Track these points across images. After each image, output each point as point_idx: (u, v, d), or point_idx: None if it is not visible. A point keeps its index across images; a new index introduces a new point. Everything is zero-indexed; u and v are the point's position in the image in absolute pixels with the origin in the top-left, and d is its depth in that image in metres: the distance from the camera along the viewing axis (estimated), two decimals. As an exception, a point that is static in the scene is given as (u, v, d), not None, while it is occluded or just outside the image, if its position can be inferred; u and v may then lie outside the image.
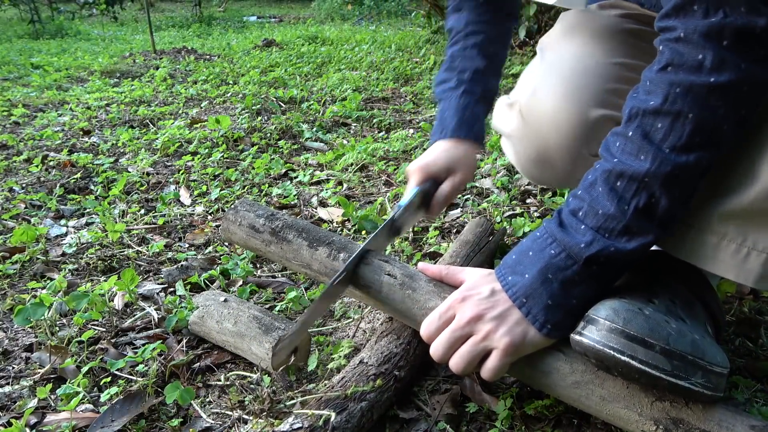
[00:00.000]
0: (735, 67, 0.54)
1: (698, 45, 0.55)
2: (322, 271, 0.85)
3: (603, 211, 0.60)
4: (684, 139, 0.56)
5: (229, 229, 0.97)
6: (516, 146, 0.87)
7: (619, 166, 0.60)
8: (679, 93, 0.56)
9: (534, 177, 0.91)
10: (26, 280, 1.14)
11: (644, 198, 0.59)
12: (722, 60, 0.54)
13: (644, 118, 0.59)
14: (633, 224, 0.60)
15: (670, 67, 0.57)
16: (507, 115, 0.86)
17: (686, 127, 0.56)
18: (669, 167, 0.57)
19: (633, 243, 0.60)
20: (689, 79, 0.56)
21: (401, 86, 2.92)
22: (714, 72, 0.54)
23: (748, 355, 0.86)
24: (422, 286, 0.75)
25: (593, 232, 0.61)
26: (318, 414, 0.64)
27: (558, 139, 0.80)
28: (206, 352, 0.91)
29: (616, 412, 0.61)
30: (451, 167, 0.96)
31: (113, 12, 7.98)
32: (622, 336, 0.57)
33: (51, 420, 0.77)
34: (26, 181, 1.67)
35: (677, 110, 0.56)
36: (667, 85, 0.57)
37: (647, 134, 0.58)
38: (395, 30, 5.58)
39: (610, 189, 0.60)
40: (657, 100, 0.58)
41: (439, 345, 0.66)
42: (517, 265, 0.66)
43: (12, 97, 2.73)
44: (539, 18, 3.40)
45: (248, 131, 2.10)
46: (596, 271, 0.62)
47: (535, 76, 0.82)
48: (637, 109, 0.60)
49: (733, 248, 0.61)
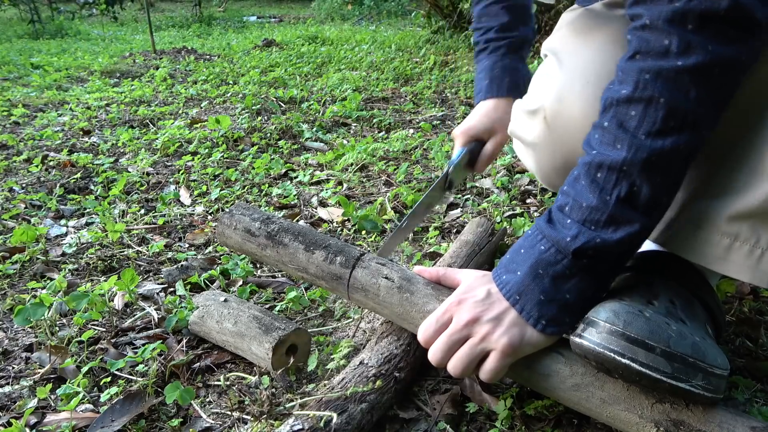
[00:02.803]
0: (702, 49, 0.54)
1: (663, 31, 0.55)
2: (318, 275, 0.84)
3: (587, 204, 0.60)
4: (658, 124, 0.56)
5: (224, 233, 0.95)
6: (539, 154, 0.83)
7: (598, 157, 0.60)
8: (648, 79, 0.56)
9: (556, 186, 0.88)
10: (26, 280, 1.14)
11: (625, 187, 0.59)
12: (688, 43, 0.54)
13: (618, 108, 0.59)
14: (617, 214, 0.59)
15: (638, 55, 0.58)
16: (528, 123, 0.82)
17: (659, 112, 0.56)
18: (645, 153, 0.57)
19: (619, 233, 0.60)
20: (657, 65, 0.56)
21: (401, 86, 2.92)
22: (681, 56, 0.55)
23: (748, 355, 0.86)
24: (420, 289, 0.75)
25: (579, 225, 0.61)
26: (319, 415, 0.64)
27: None
28: (206, 352, 0.91)
29: (617, 415, 0.61)
30: (491, 128, 1.04)
31: (113, 12, 7.98)
32: (622, 338, 0.57)
33: (51, 420, 0.77)
34: (26, 181, 1.67)
35: (648, 96, 0.56)
36: (637, 73, 0.57)
37: (622, 123, 0.58)
38: (395, 30, 5.58)
39: (591, 181, 0.60)
40: (628, 88, 0.58)
41: (437, 349, 0.66)
42: (510, 263, 0.66)
43: (12, 97, 2.73)
44: (539, 18, 3.40)
45: (248, 131, 2.10)
46: (587, 264, 0.62)
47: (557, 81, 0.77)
48: (610, 99, 0.60)
49: (746, 250, 0.61)
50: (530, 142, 0.83)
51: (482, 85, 1.08)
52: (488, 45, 1.09)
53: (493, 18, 1.08)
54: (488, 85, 1.07)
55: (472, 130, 1.04)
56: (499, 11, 1.07)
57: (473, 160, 1.06)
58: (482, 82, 1.08)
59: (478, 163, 1.06)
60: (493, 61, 1.07)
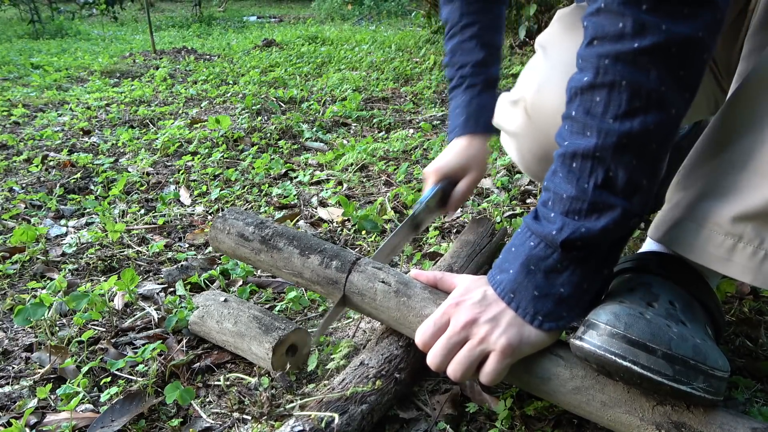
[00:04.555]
0: (656, 29, 0.54)
1: (618, 13, 0.55)
2: (314, 280, 0.82)
3: (566, 195, 0.60)
4: (623, 106, 0.56)
5: (217, 237, 0.93)
6: (520, 144, 0.86)
7: (571, 147, 0.60)
8: (608, 64, 0.56)
9: (537, 175, 0.91)
10: (26, 280, 1.14)
11: (601, 173, 0.59)
12: (642, 24, 0.54)
13: (583, 96, 0.59)
14: (597, 201, 0.59)
15: (595, 41, 0.58)
16: (511, 113, 0.86)
17: (623, 94, 0.56)
18: (615, 137, 0.57)
19: (602, 220, 0.60)
20: (615, 48, 0.56)
21: (401, 86, 2.92)
22: (636, 37, 0.55)
23: (748, 355, 0.86)
24: (417, 293, 0.74)
25: (562, 218, 0.61)
26: (320, 416, 0.64)
27: None
28: (206, 352, 0.91)
29: (618, 418, 0.61)
30: (465, 166, 1.02)
31: (113, 12, 7.98)
32: (623, 341, 0.57)
33: (51, 420, 0.77)
34: (26, 181, 1.67)
35: (610, 81, 0.56)
36: (596, 59, 0.57)
37: (588, 110, 0.58)
38: (395, 30, 5.58)
39: (568, 171, 0.60)
40: (590, 75, 0.58)
41: (435, 352, 0.66)
42: (503, 263, 0.66)
43: (12, 97, 2.73)
44: (539, 18, 3.39)
45: (248, 131, 2.10)
46: (577, 255, 0.62)
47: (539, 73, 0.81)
48: (574, 88, 0.60)
49: (749, 251, 0.61)
50: (512, 131, 0.86)
51: (458, 122, 1.06)
52: (463, 81, 1.07)
53: (468, 54, 1.07)
54: (465, 121, 1.05)
55: (446, 167, 1.01)
56: (474, 47, 1.06)
57: (445, 199, 1.02)
58: (458, 119, 1.06)
59: (451, 203, 1.03)
60: (470, 97, 1.06)
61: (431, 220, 1.06)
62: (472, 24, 1.06)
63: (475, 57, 1.06)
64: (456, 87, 1.09)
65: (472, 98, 1.05)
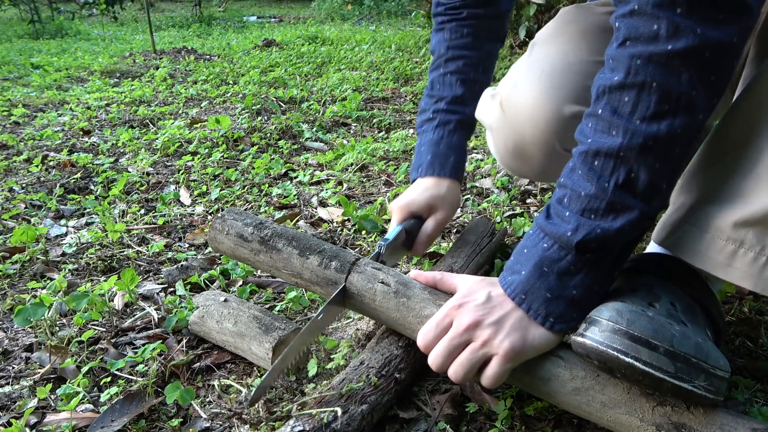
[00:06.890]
0: (690, 32, 0.54)
1: (652, 15, 0.55)
2: (313, 280, 0.82)
3: (585, 193, 0.60)
4: (652, 108, 0.56)
5: (216, 238, 0.93)
6: (496, 137, 0.87)
7: (594, 145, 0.60)
8: (640, 64, 0.56)
9: (512, 169, 0.91)
10: (26, 280, 1.13)
11: (623, 173, 0.58)
12: (677, 27, 0.54)
13: (611, 95, 0.59)
14: (616, 201, 0.59)
15: (628, 42, 0.57)
16: (489, 106, 0.87)
17: (652, 96, 0.56)
18: (641, 138, 0.57)
19: (619, 221, 0.59)
20: (648, 50, 0.56)
21: (401, 86, 2.92)
22: (671, 40, 0.54)
23: (748, 355, 0.86)
24: (417, 293, 0.74)
25: (578, 217, 0.61)
26: (321, 412, 0.64)
27: (533, 133, 0.81)
28: (206, 352, 0.91)
29: (618, 418, 0.61)
30: (433, 205, 0.97)
31: (113, 12, 7.97)
32: (625, 337, 0.57)
33: (51, 420, 0.77)
34: (26, 181, 1.67)
35: (641, 81, 0.56)
36: (628, 59, 0.57)
37: (616, 109, 0.58)
38: (395, 30, 5.58)
39: (589, 169, 0.60)
40: (620, 75, 0.58)
41: (437, 354, 0.65)
42: (515, 264, 0.66)
43: (12, 97, 2.73)
44: (539, 18, 3.39)
45: (248, 131, 2.10)
46: (591, 258, 0.61)
47: (518, 70, 0.83)
48: (603, 87, 0.60)
49: (750, 257, 0.60)
50: (489, 124, 0.88)
51: (423, 161, 1.00)
52: (436, 116, 1.02)
53: (447, 88, 1.02)
54: (430, 161, 0.99)
55: (413, 205, 0.96)
56: (455, 83, 1.02)
57: (411, 239, 0.96)
58: (424, 157, 1.00)
59: (417, 244, 0.96)
60: (440, 136, 1.01)
61: (396, 260, 0.99)
62: (456, 59, 1.03)
63: (452, 92, 1.02)
64: (427, 121, 1.04)
65: (441, 138, 1.01)
